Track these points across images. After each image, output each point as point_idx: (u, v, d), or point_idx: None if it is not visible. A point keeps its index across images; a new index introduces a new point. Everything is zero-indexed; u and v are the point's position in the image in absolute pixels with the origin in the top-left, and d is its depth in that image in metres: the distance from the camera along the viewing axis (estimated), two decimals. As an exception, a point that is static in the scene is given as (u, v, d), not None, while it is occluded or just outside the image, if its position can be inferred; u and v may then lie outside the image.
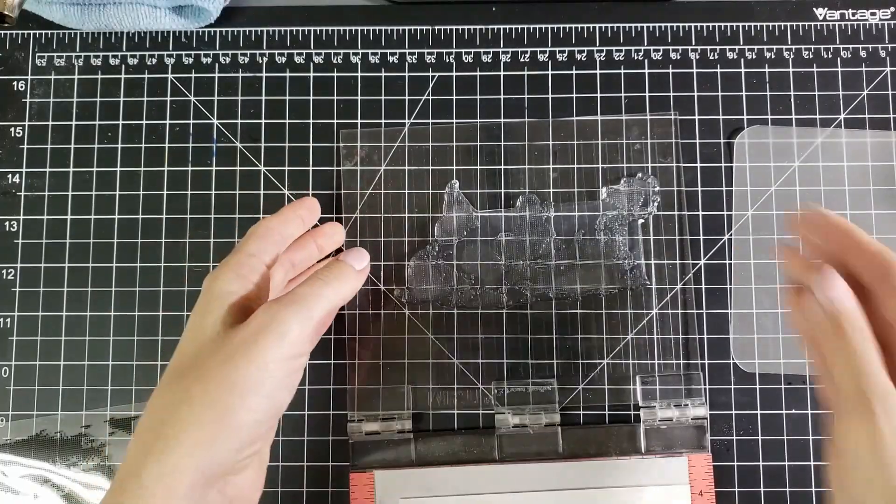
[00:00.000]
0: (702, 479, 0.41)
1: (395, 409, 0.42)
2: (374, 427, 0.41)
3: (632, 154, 0.43)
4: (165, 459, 0.28)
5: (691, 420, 0.41)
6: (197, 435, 0.28)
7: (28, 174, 0.44)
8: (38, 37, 0.46)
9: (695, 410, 0.41)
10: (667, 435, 0.41)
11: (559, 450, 0.41)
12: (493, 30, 0.45)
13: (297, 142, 0.44)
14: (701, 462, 0.41)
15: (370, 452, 0.41)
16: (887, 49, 0.45)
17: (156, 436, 0.28)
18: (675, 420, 0.41)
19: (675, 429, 0.41)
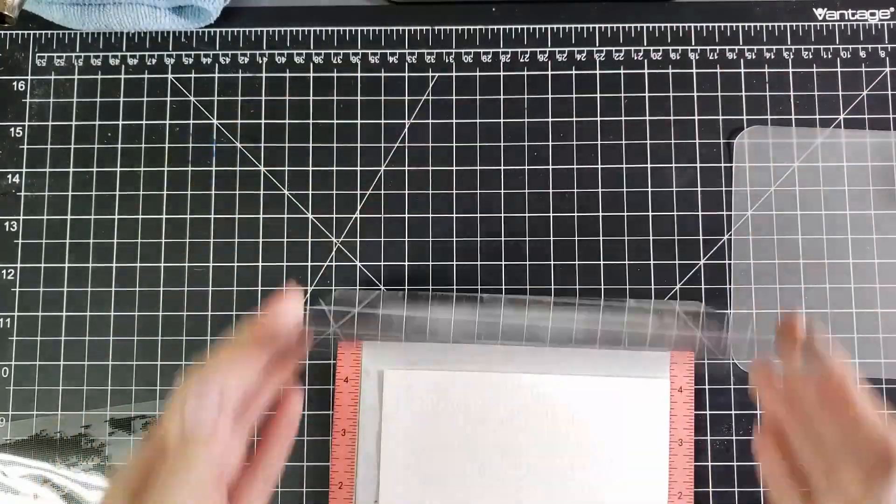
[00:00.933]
0: (683, 375, 0.41)
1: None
2: (363, 299, 0.42)
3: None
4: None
5: (677, 319, 0.42)
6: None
7: (28, 174, 0.44)
8: (38, 37, 0.46)
9: (682, 307, 0.42)
10: (653, 334, 0.41)
11: (546, 340, 0.41)
12: (493, 30, 0.45)
13: (296, 142, 0.44)
14: (683, 359, 0.41)
15: (359, 325, 0.42)
16: (887, 49, 0.45)
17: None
18: (662, 318, 0.42)
19: (661, 325, 0.42)
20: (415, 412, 0.41)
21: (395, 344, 0.42)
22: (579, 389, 0.41)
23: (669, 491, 0.41)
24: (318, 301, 0.42)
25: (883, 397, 0.42)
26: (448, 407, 0.41)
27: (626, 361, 0.41)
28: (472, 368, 0.42)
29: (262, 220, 0.44)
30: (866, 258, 0.43)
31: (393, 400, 0.41)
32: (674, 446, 0.41)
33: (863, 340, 0.42)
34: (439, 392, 0.41)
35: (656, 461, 0.41)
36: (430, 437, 0.41)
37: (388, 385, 0.41)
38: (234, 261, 0.43)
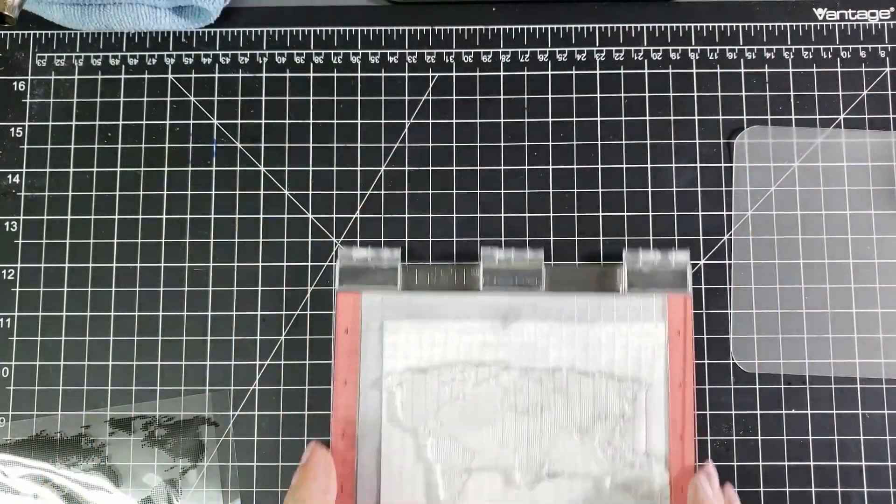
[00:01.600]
0: (680, 318, 0.41)
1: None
2: (364, 254, 0.42)
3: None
4: None
5: (674, 264, 0.42)
6: None
7: (28, 174, 0.44)
8: (38, 37, 0.46)
9: (678, 256, 0.42)
10: (648, 277, 0.42)
11: (542, 286, 0.42)
12: (493, 30, 0.45)
13: (296, 142, 0.44)
14: (680, 303, 0.41)
15: (357, 277, 0.42)
16: (887, 49, 0.45)
17: None
18: (658, 263, 0.42)
19: (657, 272, 0.42)
20: (415, 362, 0.41)
21: (395, 295, 0.42)
22: (577, 336, 0.41)
23: (670, 434, 0.41)
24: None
25: (883, 398, 0.42)
26: (448, 357, 0.41)
27: (623, 306, 0.42)
28: (472, 318, 0.42)
29: (262, 220, 0.44)
30: (867, 258, 0.43)
31: (393, 350, 0.41)
32: (673, 389, 0.41)
33: (863, 340, 0.42)
34: (439, 342, 0.41)
35: (656, 405, 0.41)
36: (431, 387, 0.41)
37: (388, 336, 0.41)
38: (235, 261, 0.43)
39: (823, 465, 0.41)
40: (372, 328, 0.42)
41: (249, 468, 0.42)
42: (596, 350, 0.41)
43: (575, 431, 0.41)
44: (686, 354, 0.41)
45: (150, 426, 0.42)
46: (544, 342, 0.41)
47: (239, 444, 0.42)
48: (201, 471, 0.42)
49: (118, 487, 0.42)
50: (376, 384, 0.41)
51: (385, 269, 0.42)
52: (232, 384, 0.43)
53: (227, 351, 0.43)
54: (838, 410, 0.42)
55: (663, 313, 0.41)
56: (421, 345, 0.41)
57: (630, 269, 0.42)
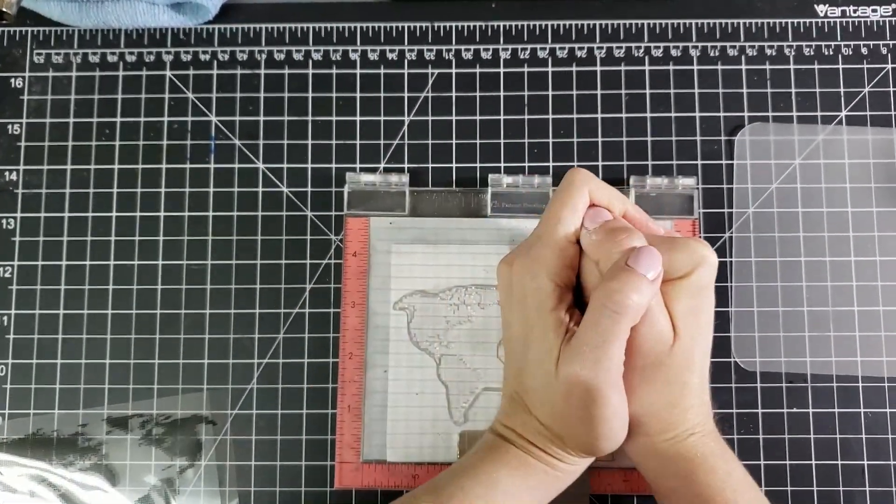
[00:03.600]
0: None
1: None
2: (372, 178, 0.42)
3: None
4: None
5: (680, 189, 0.42)
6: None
7: (25, 171, 0.44)
8: (35, 33, 0.45)
9: (684, 181, 0.42)
10: (656, 201, 0.42)
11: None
12: (493, 26, 0.45)
13: (295, 139, 0.44)
14: (687, 227, 0.42)
15: (366, 201, 0.42)
16: (889, 46, 0.44)
17: None
18: (664, 188, 0.42)
19: (663, 196, 0.42)
20: (423, 285, 0.42)
21: (403, 219, 0.42)
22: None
23: None
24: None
25: (885, 396, 0.42)
26: (456, 280, 0.42)
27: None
28: (479, 242, 0.42)
29: (260, 217, 0.44)
30: (868, 255, 0.43)
31: (401, 273, 0.42)
32: None
33: (864, 338, 0.42)
34: (447, 266, 0.42)
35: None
36: (439, 309, 0.42)
37: (396, 259, 0.42)
38: (233, 258, 0.43)
39: (825, 464, 0.41)
40: (380, 251, 0.42)
41: (247, 467, 0.42)
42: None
43: None
44: None
45: (148, 425, 0.42)
46: None
47: (237, 443, 0.42)
48: (199, 470, 0.42)
49: (115, 486, 0.42)
50: (385, 307, 0.42)
51: (393, 193, 0.43)
52: (230, 383, 0.42)
53: (224, 349, 0.43)
54: (840, 409, 0.42)
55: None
56: (429, 268, 0.42)
57: (637, 194, 0.42)
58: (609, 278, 0.32)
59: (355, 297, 0.42)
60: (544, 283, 0.33)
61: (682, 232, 0.42)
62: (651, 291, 0.32)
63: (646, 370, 0.33)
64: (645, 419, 0.34)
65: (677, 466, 0.34)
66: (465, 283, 0.42)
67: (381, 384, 0.41)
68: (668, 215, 0.42)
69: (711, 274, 0.33)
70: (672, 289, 0.33)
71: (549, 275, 0.33)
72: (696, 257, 0.33)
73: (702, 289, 0.33)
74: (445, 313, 0.42)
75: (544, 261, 0.33)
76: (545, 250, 0.34)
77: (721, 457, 0.34)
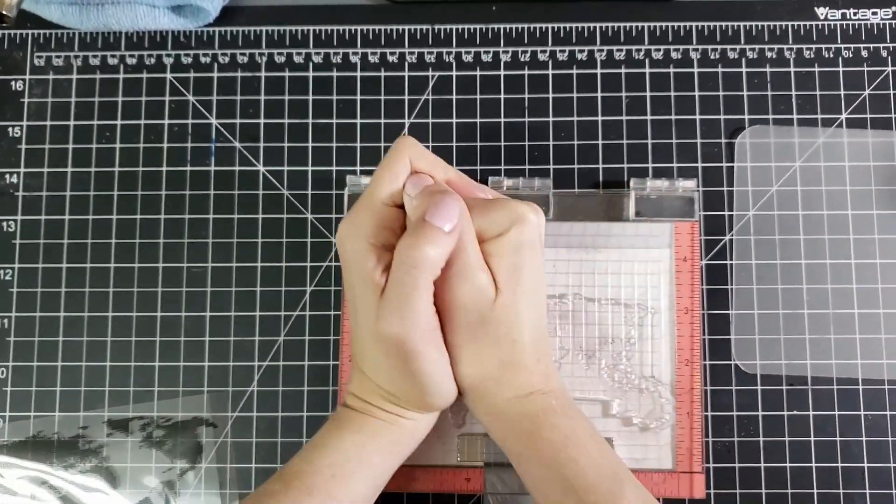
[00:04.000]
0: (687, 245, 0.42)
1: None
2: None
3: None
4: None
5: (681, 191, 0.42)
6: None
7: (26, 174, 0.44)
8: (36, 36, 0.45)
9: (685, 184, 0.42)
10: (656, 204, 0.42)
11: (549, 213, 0.42)
12: (493, 29, 0.45)
13: (295, 141, 0.44)
14: (687, 229, 0.42)
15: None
16: (889, 49, 0.44)
17: None
18: (665, 190, 0.42)
19: (664, 199, 0.42)
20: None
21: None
22: (584, 262, 0.42)
23: (677, 359, 0.41)
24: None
25: (886, 399, 0.42)
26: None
27: (630, 233, 0.42)
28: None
29: (260, 220, 0.44)
30: (868, 258, 0.43)
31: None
32: (680, 314, 0.41)
33: (865, 341, 0.42)
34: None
35: (662, 331, 0.41)
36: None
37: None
38: (233, 261, 0.43)
39: (825, 467, 0.41)
40: None
41: (248, 470, 0.42)
42: (602, 276, 0.42)
43: (582, 356, 0.41)
44: (693, 280, 0.41)
45: (148, 427, 0.42)
46: (551, 268, 0.42)
47: (237, 446, 0.42)
48: (199, 472, 0.42)
49: (116, 489, 0.42)
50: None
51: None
52: (230, 385, 0.42)
53: (225, 352, 0.43)
54: (840, 411, 0.42)
55: (670, 240, 0.42)
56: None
57: (637, 197, 0.42)
58: (406, 234, 0.32)
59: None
60: (362, 243, 0.33)
61: (680, 234, 0.42)
62: (447, 243, 0.32)
63: (472, 328, 0.34)
64: (480, 379, 0.34)
65: (520, 426, 0.34)
66: None
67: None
68: (668, 217, 0.42)
69: (531, 231, 0.34)
70: (491, 246, 0.34)
71: (366, 236, 0.33)
72: (514, 215, 0.33)
73: (521, 246, 0.33)
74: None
75: (362, 223, 0.34)
76: (363, 213, 0.34)
77: (563, 414, 0.34)
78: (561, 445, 0.33)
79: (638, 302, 0.42)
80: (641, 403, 0.41)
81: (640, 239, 0.42)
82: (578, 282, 0.42)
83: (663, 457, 0.41)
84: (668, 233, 0.42)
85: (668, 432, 0.41)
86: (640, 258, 0.42)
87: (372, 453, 0.35)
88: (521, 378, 0.34)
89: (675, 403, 0.41)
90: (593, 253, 0.42)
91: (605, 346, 0.41)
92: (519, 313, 0.34)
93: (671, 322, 0.41)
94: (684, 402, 0.41)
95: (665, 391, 0.41)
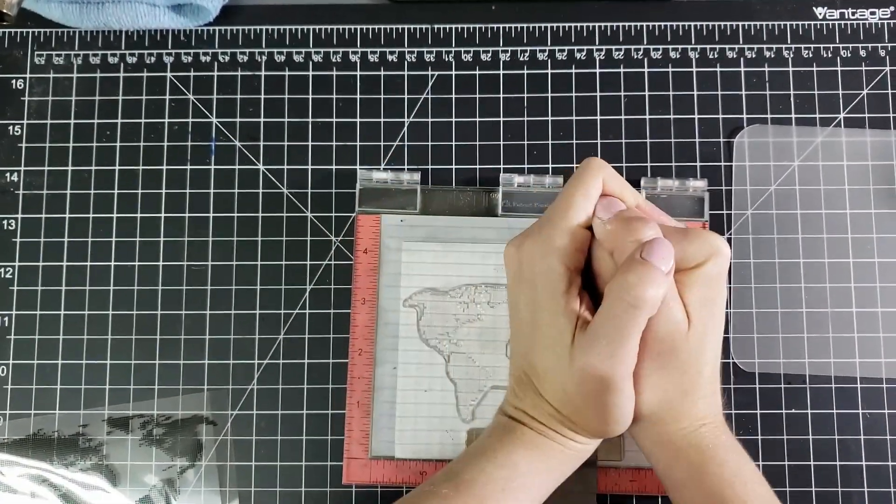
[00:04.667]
0: None
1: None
2: (384, 176, 0.43)
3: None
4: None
5: (691, 191, 0.42)
6: None
7: (26, 173, 0.44)
8: (36, 35, 0.46)
9: (695, 183, 0.42)
10: (666, 203, 0.42)
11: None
12: (493, 29, 0.45)
13: (295, 140, 0.44)
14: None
15: (377, 199, 0.43)
16: (887, 48, 0.45)
17: None
18: (675, 190, 0.42)
19: (673, 198, 0.42)
20: (433, 283, 0.42)
21: (415, 217, 0.43)
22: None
23: None
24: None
25: (884, 397, 0.42)
26: (465, 279, 0.42)
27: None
28: (490, 241, 0.42)
29: (260, 218, 0.44)
30: (866, 257, 0.43)
31: (412, 270, 0.42)
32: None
33: (863, 340, 0.42)
34: (457, 264, 0.42)
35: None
36: (449, 307, 0.42)
37: (406, 256, 0.42)
38: (233, 259, 0.43)
39: (824, 465, 0.41)
40: (391, 249, 0.42)
41: (248, 468, 0.42)
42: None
43: None
44: None
45: (148, 425, 0.42)
46: None
47: (237, 444, 0.42)
48: (199, 470, 0.42)
49: (116, 487, 0.42)
50: (395, 304, 0.42)
51: (405, 191, 0.43)
52: (230, 383, 0.42)
53: (225, 350, 0.43)
54: (838, 410, 0.42)
55: None
56: (439, 266, 0.42)
57: (648, 195, 0.42)
58: (624, 271, 0.32)
59: (366, 294, 0.42)
60: (556, 264, 0.33)
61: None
62: (666, 283, 0.32)
63: (661, 357, 0.33)
64: (658, 407, 0.34)
65: (688, 457, 0.34)
66: (474, 281, 0.42)
67: (390, 381, 0.42)
68: (678, 217, 0.42)
69: (724, 264, 0.34)
70: (686, 278, 0.33)
71: (560, 257, 0.33)
72: (709, 248, 0.33)
73: (714, 279, 0.33)
74: (455, 311, 0.42)
75: (555, 243, 0.33)
76: (557, 232, 0.34)
77: (732, 450, 0.35)
78: (728, 482, 0.33)
79: None
80: None
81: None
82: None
83: None
84: None
85: None
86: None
87: (541, 472, 0.35)
88: (697, 408, 0.34)
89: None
90: None
91: None
92: (707, 345, 0.34)
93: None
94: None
95: None
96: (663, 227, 0.34)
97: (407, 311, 0.42)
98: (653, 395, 0.34)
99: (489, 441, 0.35)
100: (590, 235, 0.34)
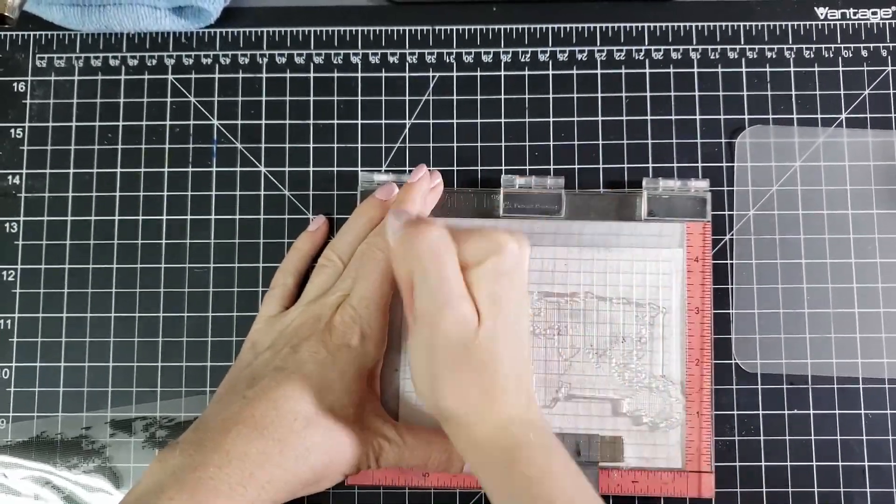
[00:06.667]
0: (699, 245, 0.42)
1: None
2: (385, 178, 0.43)
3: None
4: None
5: (693, 192, 0.42)
6: None
7: (28, 175, 0.44)
8: (38, 38, 0.46)
9: (697, 184, 0.42)
10: (668, 204, 0.42)
11: (562, 212, 0.42)
12: (494, 30, 0.45)
13: (297, 142, 0.44)
14: (699, 229, 0.42)
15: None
16: (889, 48, 0.44)
17: None
18: (677, 190, 0.42)
19: (675, 199, 0.42)
20: None
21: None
22: (595, 261, 0.42)
23: (687, 358, 0.41)
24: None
25: (886, 397, 0.42)
26: None
27: (642, 232, 0.42)
28: None
29: (262, 220, 0.44)
30: (868, 258, 0.43)
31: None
32: (691, 314, 0.41)
33: (865, 340, 0.42)
34: None
35: (672, 330, 0.42)
36: None
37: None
38: (235, 261, 0.43)
39: (826, 466, 0.41)
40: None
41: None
42: (614, 275, 0.42)
43: (592, 354, 0.42)
44: (704, 281, 0.42)
45: (151, 427, 0.42)
46: (563, 267, 0.42)
47: (240, 446, 0.42)
48: (202, 472, 0.42)
49: (119, 489, 0.42)
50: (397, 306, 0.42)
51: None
52: (233, 385, 0.42)
53: (228, 352, 0.43)
54: (841, 410, 0.42)
55: (681, 240, 0.42)
56: None
57: (650, 196, 0.42)
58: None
59: None
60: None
61: (692, 234, 0.42)
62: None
63: (454, 357, 0.34)
64: (460, 408, 0.34)
65: (496, 458, 0.34)
66: None
67: (394, 384, 0.42)
68: (680, 217, 0.42)
69: (508, 261, 0.34)
70: (472, 276, 0.34)
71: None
72: (493, 245, 0.34)
73: (501, 275, 0.34)
74: None
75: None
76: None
77: (541, 447, 0.34)
78: (536, 481, 0.33)
79: (649, 301, 0.42)
80: (651, 402, 0.41)
81: (652, 238, 0.42)
82: (590, 281, 0.42)
83: (672, 456, 0.41)
84: (680, 233, 0.42)
85: (677, 431, 0.41)
86: (652, 258, 0.42)
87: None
88: (500, 406, 0.34)
89: (686, 403, 0.41)
90: (605, 252, 0.42)
91: (615, 345, 0.42)
92: (500, 342, 0.34)
93: (682, 322, 0.41)
94: (694, 401, 0.41)
95: (675, 391, 0.41)
96: (453, 228, 0.35)
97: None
98: (453, 396, 0.34)
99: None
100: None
